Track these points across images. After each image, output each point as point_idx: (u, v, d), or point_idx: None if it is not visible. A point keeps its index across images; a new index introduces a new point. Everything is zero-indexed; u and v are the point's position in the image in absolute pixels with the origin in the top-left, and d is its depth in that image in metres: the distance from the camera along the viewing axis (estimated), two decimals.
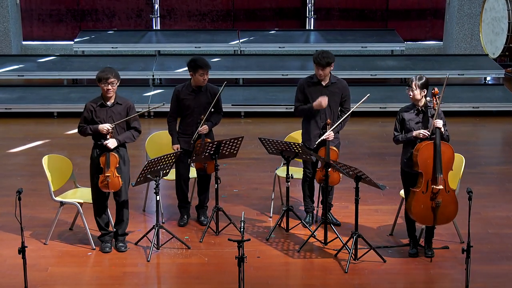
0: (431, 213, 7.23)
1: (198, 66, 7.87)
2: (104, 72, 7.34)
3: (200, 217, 8.30)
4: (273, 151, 7.98)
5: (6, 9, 15.16)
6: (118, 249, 7.61)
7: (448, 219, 7.32)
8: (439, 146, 7.12)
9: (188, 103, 7.97)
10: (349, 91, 8.10)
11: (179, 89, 8.04)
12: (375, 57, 14.58)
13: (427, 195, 7.20)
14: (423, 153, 7.16)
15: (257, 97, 12.92)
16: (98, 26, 16.20)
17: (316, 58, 7.85)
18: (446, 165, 7.18)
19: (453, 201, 7.25)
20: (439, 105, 7.20)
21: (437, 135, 7.13)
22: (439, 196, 7.17)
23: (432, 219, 7.25)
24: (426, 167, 7.17)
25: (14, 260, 7.15)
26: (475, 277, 6.93)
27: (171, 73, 13.69)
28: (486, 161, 10.51)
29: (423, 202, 7.21)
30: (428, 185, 7.18)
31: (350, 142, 11.19)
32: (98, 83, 7.37)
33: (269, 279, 7.10)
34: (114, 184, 7.40)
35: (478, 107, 12.70)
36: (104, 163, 7.35)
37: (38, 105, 12.64)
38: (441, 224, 7.37)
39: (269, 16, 16.49)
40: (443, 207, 7.22)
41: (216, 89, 8.07)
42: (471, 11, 15.47)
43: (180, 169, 8.11)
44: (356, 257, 7.37)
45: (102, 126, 7.33)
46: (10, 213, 7.48)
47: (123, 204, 7.58)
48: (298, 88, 8.05)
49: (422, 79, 7.24)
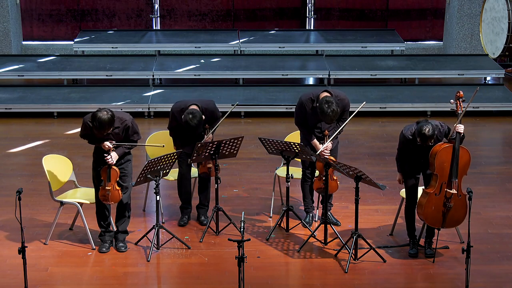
0: (441, 216, 7.22)
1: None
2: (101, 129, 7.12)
3: (200, 217, 8.30)
4: (273, 151, 7.99)
5: (6, 9, 15.16)
6: (118, 249, 7.61)
7: (457, 222, 7.33)
8: (457, 150, 7.10)
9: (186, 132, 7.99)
10: (349, 106, 8.03)
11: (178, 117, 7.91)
12: (375, 57, 14.57)
13: (439, 198, 7.18)
14: (441, 156, 7.11)
15: (257, 97, 12.91)
16: (98, 26, 16.20)
17: (328, 117, 7.60)
18: (462, 169, 7.17)
19: (463, 206, 7.23)
20: (463, 108, 7.17)
21: (457, 140, 7.10)
22: (451, 200, 7.16)
23: (441, 222, 7.25)
24: (442, 170, 7.14)
25: (14, 260, 7.15)
26: (475, 277, 6.93)
27: (171, 73, 13.69)
28: (486, 161, 10.51)
29: (435, 204, 7.20)
30: (442, 188, 7.16)
31: (350, 142, 11.19)
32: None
33: (269, 279, 7.10)
34: (114, 197, 7.42)
35: (478, 107, 12.69)
36: (105, 177, 7.36)
37: (38, 105, 12.63)
38: (449, 227, 7.36)
39: (269, 16, 16.48)
40: (454, 211, 7.21)
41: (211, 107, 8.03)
42: (471, 11, 15.47)
43: (184, 170, 8.12)
44: (356, 257, 7.38)
45: (104, 144, 7.32)
46: (10, 213, 7.49)
47: (125, 203, 7.61)
48: (300, 108, 7.93)
49: (432, 135, 7.04)
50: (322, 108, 7.57)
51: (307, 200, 8.24)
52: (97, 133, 7.19)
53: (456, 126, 7.10)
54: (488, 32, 14.76)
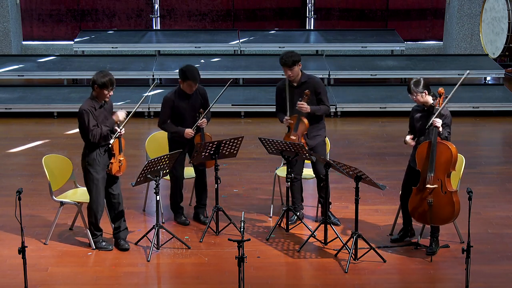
0: (426, 212, 7.28)
1: (187, 78, 7.93)
2: (109, 78, 7.32)
3: (199, 216, 8.30)
4: (273, 151, 7.98)
5: (6, 9, 15.15)
6: (122, 246, 7.62)
7: (444, 220, 7.32)
8: (433, 145, 7.17)
9: (183, 109, 8.02)
10: (323, 86, 8.14)
11: (172, 97, 8.05)
12: (375, 57, 14.57)
13: (421, 194, 7.28)
14: (421, 152, 7.26)
15: (257, 97, 12.91)
16: (98, 26, 16.19)
17: (282, 59, 7.94)
18: (443, 165, 7.19)
19: (449, 203, 7.24)
20: (442, 104, 7.22)
21: (433, 134, 7.15)
22: (431, 196, 7.20)
23: (426, 218, 7.30)
24: (423, 166, 7.24)
25: (14, 260, 7.15)
26: (475, 277, 6.93)
27: (171, 73, 13.68)
28: (486, 161, 10.50)
29: (418, 199, 7.31)
30: (424, 184, 7.23)
31: (350, 142, 11.19)
32: (101, 88, 7.33)
33: (269, 279, 7.10)
34: (124, 167, 7.59)
35: (478, 107, 12.70)
36: (117, 148, 7.44)
37: (38, 105, 12.63)
38: (437, 224, 7.39)
39: (269, 16, 16.48)
40: (438, 208, 7.23)
41: (202, 89, 8.15)
42: (471, 11, 15.47)
43: (178, 173, 8.10)
44: (356, 257, 7.38)
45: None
46: (10, 213, 7.49)
47: (120, 197, 7.64)
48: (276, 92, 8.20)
49: (418, 82, 7.28)
50: (280, 56, 7.98)
51: (295, 200, 8.24)
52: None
53: (434, 120, 7.15)
54: (488, 32, 14.75)
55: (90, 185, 7.46)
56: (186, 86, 7.97)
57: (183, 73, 7.96)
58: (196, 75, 7.96)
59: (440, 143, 7.17)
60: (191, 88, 7.98)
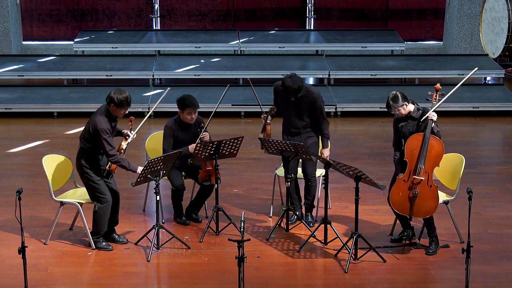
0: (408, 203, 7.31)
1: (185, 105, 7.97)
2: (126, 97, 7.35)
3: (191, 215, 8.30)
4: (273, 151, 7.99)
5: (6, 9, 15.16)
6: (122, 242, 7.69)
7: (425, 213, 7.37)
8: (426, 138, 7.23)
9: (182, 139, 8.07)
10: (321, 102, 8.07)
11: (172, 126, 8.09)
12: (375, 57, 14.58)
13: (406, 184, 7.30)
14: (412, 143, 7.30)
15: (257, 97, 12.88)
16: (98, 26, 16.20)
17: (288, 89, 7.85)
18: (432, 159, 7.26)
19: (433, 197, 7.29)
20: (438, 101, 7.28)
21: (428, 127, 7.20)
22: (418, 187, 7.24)
23: (408, 209, 7.33)
24: (411, 157, 7.30)
25: (14, 260, 7.15)
26: (475, 277, 6.93)
27: (171, 73, 13.69)
28: (486, 161, 10.51)
29: (402, 190, 7.33)
30: (410, 175, 7.29)
31: (350, 142, 11.19)
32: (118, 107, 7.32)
33: (269, 279, 7.10)
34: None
35: (478, 107, 12.70)
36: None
37: (38, 105, 12.63)
38: (417, 216, 7.43)
39: (269, 16, 16.49)
40: (421, 200, 7.27)
41: (200, 119, 8.17)
42: (471, 11, 15.47)
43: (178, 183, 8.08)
44: (356, 257, 7.38)
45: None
46: (10, 213, 7.49)
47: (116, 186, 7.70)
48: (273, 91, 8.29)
49: (396, 98, 7.38)
50: (283, 81, 7.86)
51: (292, 200, 8.23)
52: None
53: (430, 114, 7.20)
54: (488, 32, 14.76)
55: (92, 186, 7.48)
56: (186, 115, 7.99)
57: (181, 101, 7.99)
58: (194, 101, 7.99)
59: (432, 137, 7.23)
60: (191, 117, 8.00)
